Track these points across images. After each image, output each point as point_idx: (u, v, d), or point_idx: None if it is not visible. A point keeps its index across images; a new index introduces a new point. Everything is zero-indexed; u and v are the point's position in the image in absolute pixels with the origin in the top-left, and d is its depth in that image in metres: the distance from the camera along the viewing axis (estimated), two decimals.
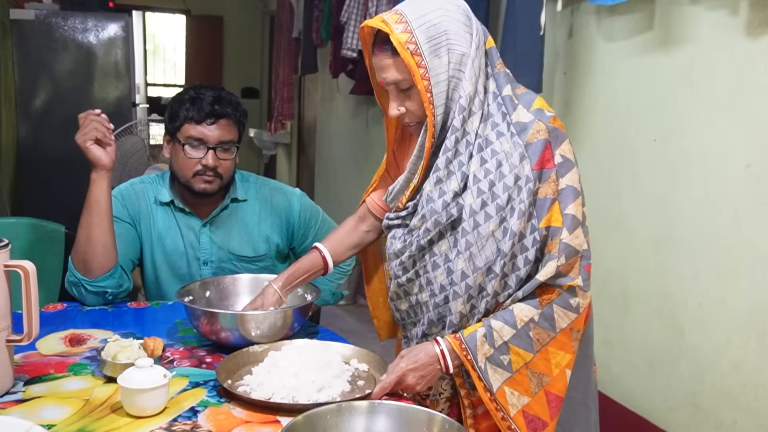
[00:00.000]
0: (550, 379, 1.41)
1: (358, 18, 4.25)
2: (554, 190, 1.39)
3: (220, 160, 1.92)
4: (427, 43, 1.35)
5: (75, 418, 1.29)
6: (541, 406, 1.41)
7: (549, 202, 1.39)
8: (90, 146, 1.76)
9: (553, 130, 1.40)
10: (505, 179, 1.38)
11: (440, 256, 1.46)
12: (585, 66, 2.81)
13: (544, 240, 1.39)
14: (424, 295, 1.52)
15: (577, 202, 1.40)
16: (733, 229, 2.23)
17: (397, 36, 1.35)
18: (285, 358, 1.48)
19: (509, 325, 1.39)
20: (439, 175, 1.42)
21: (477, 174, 1.39)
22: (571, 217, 1.39)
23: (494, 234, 1.39)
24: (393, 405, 1.22)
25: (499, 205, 1.38)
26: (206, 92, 1.91)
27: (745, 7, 2.15)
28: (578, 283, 1.40)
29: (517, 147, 1.38)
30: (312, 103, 6.72)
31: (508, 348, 1.39)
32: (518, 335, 1.39)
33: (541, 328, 1.39)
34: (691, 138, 2.36)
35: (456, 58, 1.37)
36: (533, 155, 1.38)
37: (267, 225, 2.07)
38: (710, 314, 2.32)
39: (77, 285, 1.86)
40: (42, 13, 4.35)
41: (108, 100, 4.48)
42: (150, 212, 2.02)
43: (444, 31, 1.36)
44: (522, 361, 1.40)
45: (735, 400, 2.24)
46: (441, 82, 1.37)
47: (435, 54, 1.36)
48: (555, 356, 1.41)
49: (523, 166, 1.38)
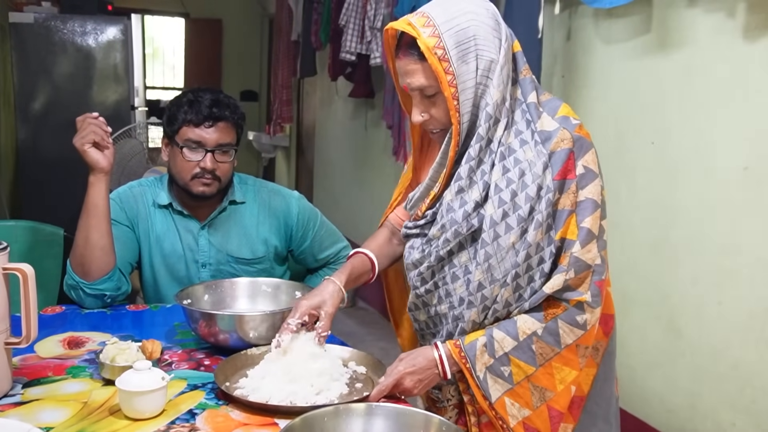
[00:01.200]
0: (554, 394, 1.38)
1: (357, 21, 4.25)
2: (573, 201, 1.35)
3: (218, 162, 1.92)
4: (456, 48, 1.30)
5: (73, 420, 1.29)
6: (543, 420, 1.39)
7: (566, 214, 1.35)
8: (88, 149, 1.76)
9: (578, 139, 1.36)
10: (528, 189, 1.34)
11: (460, 267, 1.42)
12: (583, 69, 2.82)
13: (558, 252, 1.36)
14: (443, 307, 1.48)
15: (594, 216, 1.35)
16: (731, 231, 2.23)
17: (425, 40, 1.29)
18: (283, 361, 1.48)
19: (511, 336, 1.36)
20: (461, 184, 1.38)
21: (499, 183, 1.35)
22: (586, 230, 1.34)
23: (515, 246, 1.35)
24: (390, 407, 1.23)
25: (520, 216, 1.34)
26: (204, 95, 1.92)
27: (742, 9, 2.16)
28: (586, 298, 1.35)
29: (541, 156, 1.34)
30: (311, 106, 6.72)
31: (509, 359, 1.37)
32: (520, 347, 1.36)
33: (545, 342, 1.36)
34: (689, 140, 2.37)
35: (484, 65, 1.32)
36: (555, 164, 1.34)
37: (265, 227, 2.07)
38: (708, 316, 2.33)
39: (76, 288, 1.86)
40: (41, 17, 4.36)
41: (107, 104, 4.49)
42: (148, 215, 2.02)
43: (473, 36, 1.31)
44: (523, 373, 1.37)
45: (733, 402, 2.24)
46: (468, 89, 1.33)
47: (463, 60, 1.31)
48: (560, 372, 1.38)
49: (546, 176, 1.34)
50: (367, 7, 4.12)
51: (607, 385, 1.51)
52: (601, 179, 1.39)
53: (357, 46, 4.26)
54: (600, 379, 1.45)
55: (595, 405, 1.47)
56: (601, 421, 1.51)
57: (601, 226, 1.37)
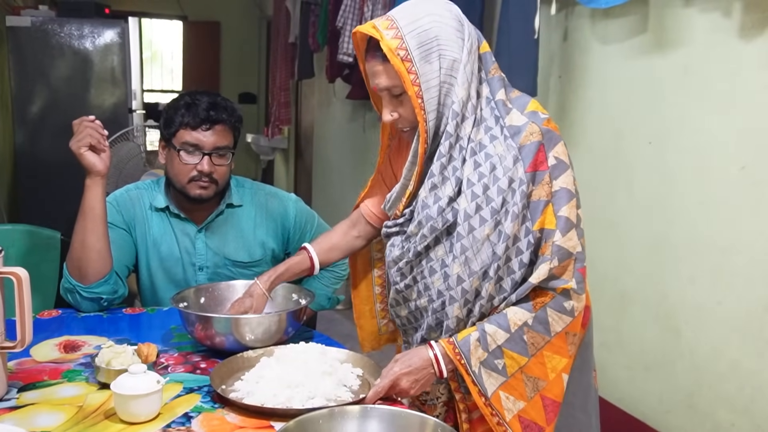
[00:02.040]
0: (546, 383, 1.40)
1: (354, 23, 4.25)
2: (548, 192, 1.38)
3: (215, 165, 1.92)
4: (418, 48, 1.35)
5: (69, 424, 1.29)
6: (537, 411, 1.40)
7: (542, 205, 1.38)
8: (84, 152, 1.76)
9: (546, 132, 1.39)
10: (500, 182, 1.37)
11: (437, 261, 1.46)
12: (579, 69, 2.82)
13: (537, 242, 1.39)
14: (423, 301, 1.51)
15: (571, 204, 1.39)
16: (728, 230, 2.23)
17: (387, 42, 1.35)
18: (279, 363, 1.48)
19: (503, 329, 1.38)
20: (434, 181, 1.42)
21: (471, 178, 1.39)
22: (564, 219, 1.38)
23: (489, 238, 1.38)
24: (385, 409, 1.22)
25: (493, 208, 1.38)
26: (202, 98, 1.91)
27: (738, 9, 2.15)
28: (572, 285, 1.39)
29: (511, 150, 1.38)
30: (309, 108, 6.73)
31: (502, 352, 1.38)
32: (512, 339, 1.38)
33: (536, 331, 1.39)
34: (686, 140, 2.36)
35: (447, 64, 1.37)
36: (526, 157, 1.37)
37: (262, 230, 2.06)
38: (707, 316, 2.32)
39: (72, 291, 1.86)
40: (38, 20, 4.36)
41: (104, 107, 4.49)
42: (145, 218, 2.02)
43: (435, 37, 1.36)
44: (516, 365, 1.39)
45: (732, 402, 2.24)
46: (432, 87, 1.37)
47: (426, 60, 1.35)
48: (551, 360, 1.40)
49: (517, 168, 1.37)
50: (364, 9, 4.12)
51: (584, 375, 1.53)
52: (572, 170, 1.42)
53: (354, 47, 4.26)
54: (576, 369, 1.47)
55: (572, 395, 1.49)
56: (578, 412, 1.53)
57: (578, 215, 1.41)
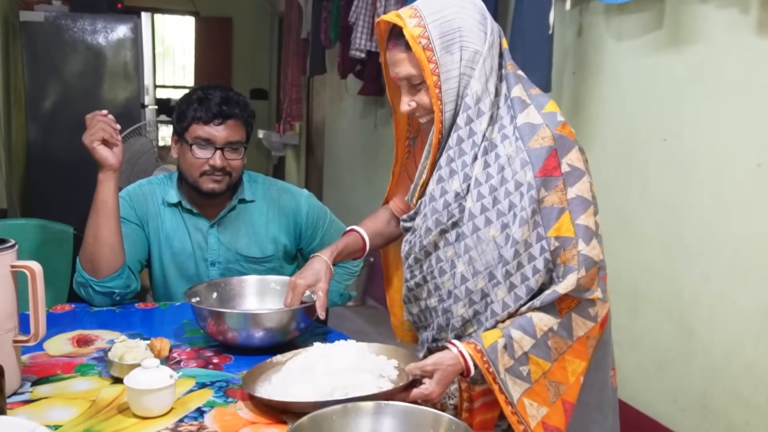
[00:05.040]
0: (567, 387, 1.38)
1: (367, 18, 4.24)
2: (562, 199, 1.35)
3: (227, 160, 1.92)
4: (440, 38, 1.35)
5: (82, 418, 1.29)
6: (559, 415, 1.38)
7: (557, 212, 1.35)
8: (97, 147, 1.76)
9: (559, 137, 1.36)
10: (508, 185, 1.36)
11: (446, 261, 1.45)
12: (594, 65, 2.80)
13: (555, 250, 1.35)
14: (433, 301, 1.51)
15: (588, 212, 1.36)
16: (744, 228, 2.21)
17: (410, 30, 1.35)
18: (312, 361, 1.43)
19: (529, 335, 1.35)
20: (441, 173, 1.42)
21: (479, 177, 1.38)
22: (584, 227, 1.35)
23: (495, 239, 1.37)
24: (399, 406, 1.21)
25: (500, 210, 1.36)
26: (214, 92, 1.91)
27: (756, 5, 2.13)
28: (598, 295, 1.37)
29: (520, 152, 1.36)
30: (320, 104, 6.72)
31: (527, 358, 1.36)
32: (537, 345, 1.36)
33: (560, 337, 1.36)
34: (702, 137, 2.35)
35: (468, 56, 1.36)
36: (536, 162, 1.34)
37: (275, 226, 2.06)
38: (721, 315, 2.31)
39: (85, 285, 1.86)
40: (51, 15, 4.37)
41: (117, 102, 4.51)
42: (158, 213, 2.02)
43: (458, 28, 1.35)
44: (541, 371, 1.36)
45: (746, 401, 2.22)
46: (451, 78, 1.36)
47: (447, 50, 1.35)
48: (571, 364, 1.38)
49: (525, 172, 1.34)
50: (376, 4, 4.11)
51: (600, 374, 1.50)
52: (589, 176, 1.39)
53: (366, 43, 4.25)
54: (591, 368, 1.44)
55: (587, 394, 1.46)
56: (594, 412, 1.50)
57: (596, 222, 1.39)
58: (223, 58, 8.18)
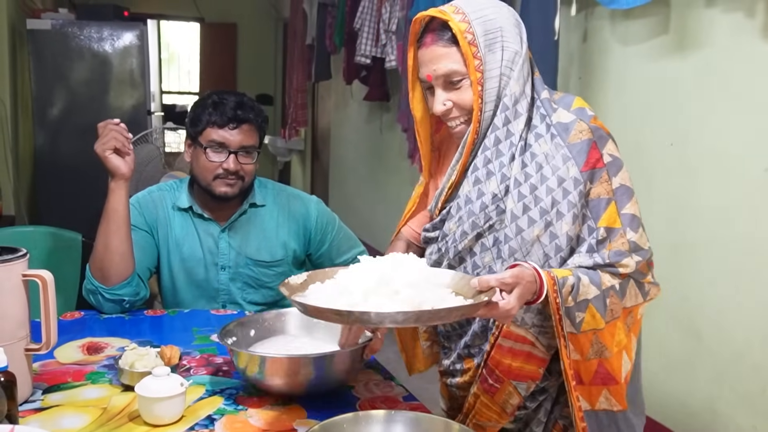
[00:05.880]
0: (611, 355, 1.36)
1: (372, 24, 4.26)
2: (608, 190, 1.35)
3: (241, 164, 1.94)
4: (484, 36, 1.33)
5: (93, 426, 1.29)
6: (588, 372, 1.35)
7: (604, 203, 1.35)
8: (109, 155, 1.78)
9: (595, 129, 1.37)
10: (548, 182, 1.34)
11: (484, 268, 1.40)
12: (600, 70, 2.80)
13: (602, 240, 1.35)
14: None
15: (633, 201, 1.38)
16: (750, 232, 2.21)
17: (457, 24, 1.32)
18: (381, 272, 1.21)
19: (595, 284, 1.33)
20: (478, 175, 1.39)
21: (518, 177, 1.36)
22: (630, 216, 1.36)
23: (540, 239, 1.35)
24: (410, 414, 1.22)
25: (542, 209, 1.34)
26: (229, 97, 1.94)
27: (761, 9, 2.13)
28: (650, 279, 1.41)
29: (559, 148, 1.35)
30: (325, 110, 6.74)
31: (587, 307, 1.32)
32: (599, 298, 1.33)
33: (617, 297, 1.35)
34: (708, 142, 2.35)
35: (509, 56, 1.35)
36: (579, 156, 1.34)
37: (284, 231, 2.07)
38: (728, 318, 2.30)
39: (95, 293, 1.87)
40: (58, 23, 4.40)
41: (123, 109, 4.52)
42: (168, 219, 2.03)
43: (500, 27, 1.35)
44: (593, 325, 1.33)
45: (754, 404, 2.22)
46: (493, 78, 1.35)
47: (490, 49, 1.34)
48: (618, 334, 1.37)
49: (568, 168, 1.34)
50: (381, 11, 4.12)
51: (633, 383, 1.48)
52: (626, 166, 1.39)
53: (372, 49, 4.27)
54: None
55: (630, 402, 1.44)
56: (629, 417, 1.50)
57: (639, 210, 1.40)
58: (228, 63, 8.22)
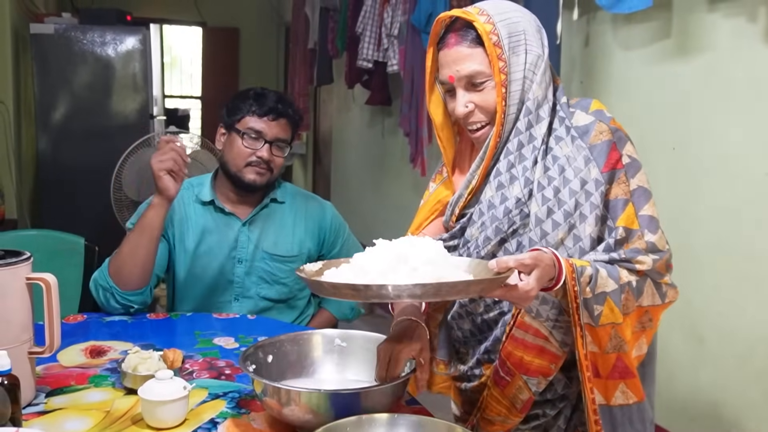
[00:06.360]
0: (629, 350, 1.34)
1: (374, 29, 4.26)
2: (626, 191, 1.35)
3: (273, 155, 1.99)
4: (508, 38, 1.33)
5: (96, 429, 1.29)
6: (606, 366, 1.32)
7: (622, 203, 1.35)
8: (163, 176, 1.81)
9: (615, 130, 1.37)
10: (571, 184, 1.34)
11: None
12: (602, 75, 2.80)
13: (620, 240, 1.34)
14: (493, 314, 1.44)
15: (651, 203, 1.37)
16: (753, 237, 2.21)
17: (483, 24, 1.32)
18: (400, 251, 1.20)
19: (613, 278, 1.31)
20: (501, 179, 1.38)
21: (541, 181, 1.35)
22: (648, 217, 1.36)
23: (564, 242, 1.34)
24: (413, 418, 1.22)
25: (566, 211, 1.34)
26: (270, 92, 2.03)
27: (763, 13, 2.14)
28: (667, 280, 1.39)
29: (581, 150, 1.35)
30: (327, 114, 6.75)
31: (605, 300, 1.30)
32: (616, 292, 1.31)
33: (632, 294, 1.33)
34: (710, 146, 2.35)
35: (532, 59, 1.35)
36: (599, 157, 1.35)
37: (301, 229, 2.12)
38: (731, 323, 2.30)
39: (107, 290, 1.88)
40: (61, 27, 4.40)
41: (126, 113, 4.53)
42: (186, 214, 2.06)
43: (523, 30, 1.35)
44: (611, 318, 1.31)
45: (758, 410, 2.21)
46: (517, 80, 1.34)
47: (514, 51, 1.34)
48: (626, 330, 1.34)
49: (590, 169, 1.34)
50: (383, 15, 4.13)
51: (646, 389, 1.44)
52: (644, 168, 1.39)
53: (374, 53, 4.27)
54: None
55: None
56: None
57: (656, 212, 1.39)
58: (230, 67, 8.22)
